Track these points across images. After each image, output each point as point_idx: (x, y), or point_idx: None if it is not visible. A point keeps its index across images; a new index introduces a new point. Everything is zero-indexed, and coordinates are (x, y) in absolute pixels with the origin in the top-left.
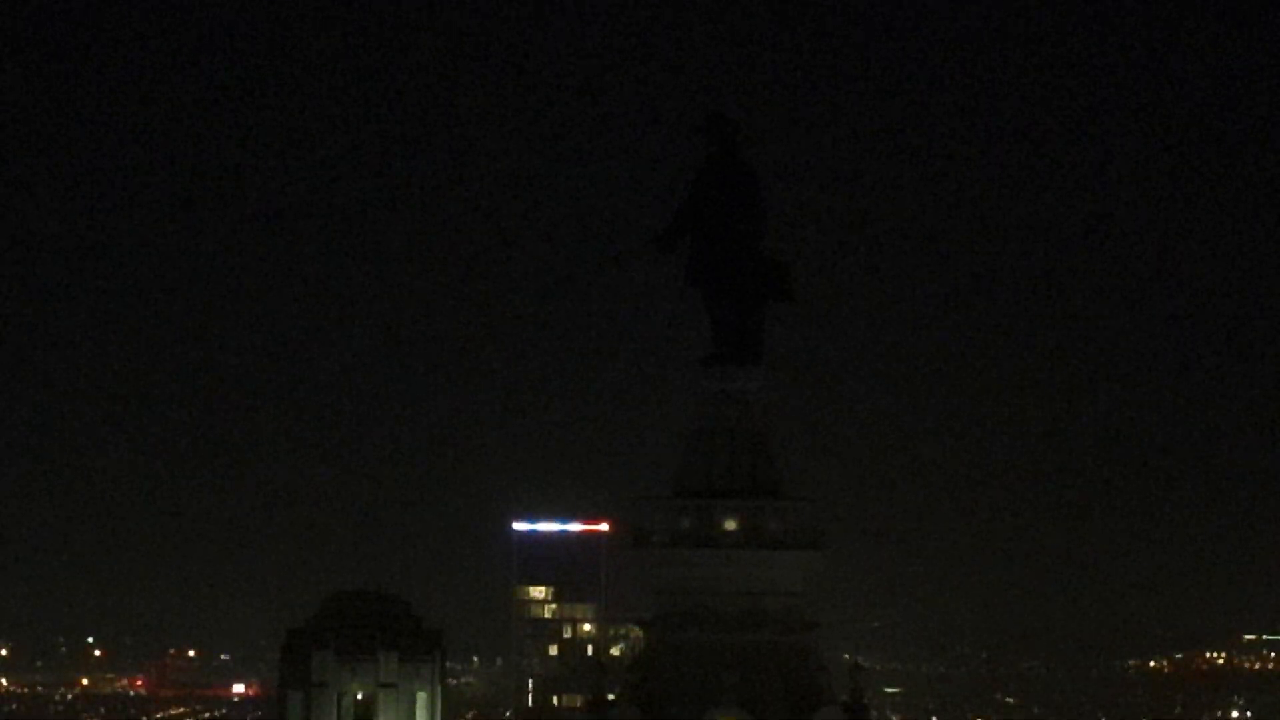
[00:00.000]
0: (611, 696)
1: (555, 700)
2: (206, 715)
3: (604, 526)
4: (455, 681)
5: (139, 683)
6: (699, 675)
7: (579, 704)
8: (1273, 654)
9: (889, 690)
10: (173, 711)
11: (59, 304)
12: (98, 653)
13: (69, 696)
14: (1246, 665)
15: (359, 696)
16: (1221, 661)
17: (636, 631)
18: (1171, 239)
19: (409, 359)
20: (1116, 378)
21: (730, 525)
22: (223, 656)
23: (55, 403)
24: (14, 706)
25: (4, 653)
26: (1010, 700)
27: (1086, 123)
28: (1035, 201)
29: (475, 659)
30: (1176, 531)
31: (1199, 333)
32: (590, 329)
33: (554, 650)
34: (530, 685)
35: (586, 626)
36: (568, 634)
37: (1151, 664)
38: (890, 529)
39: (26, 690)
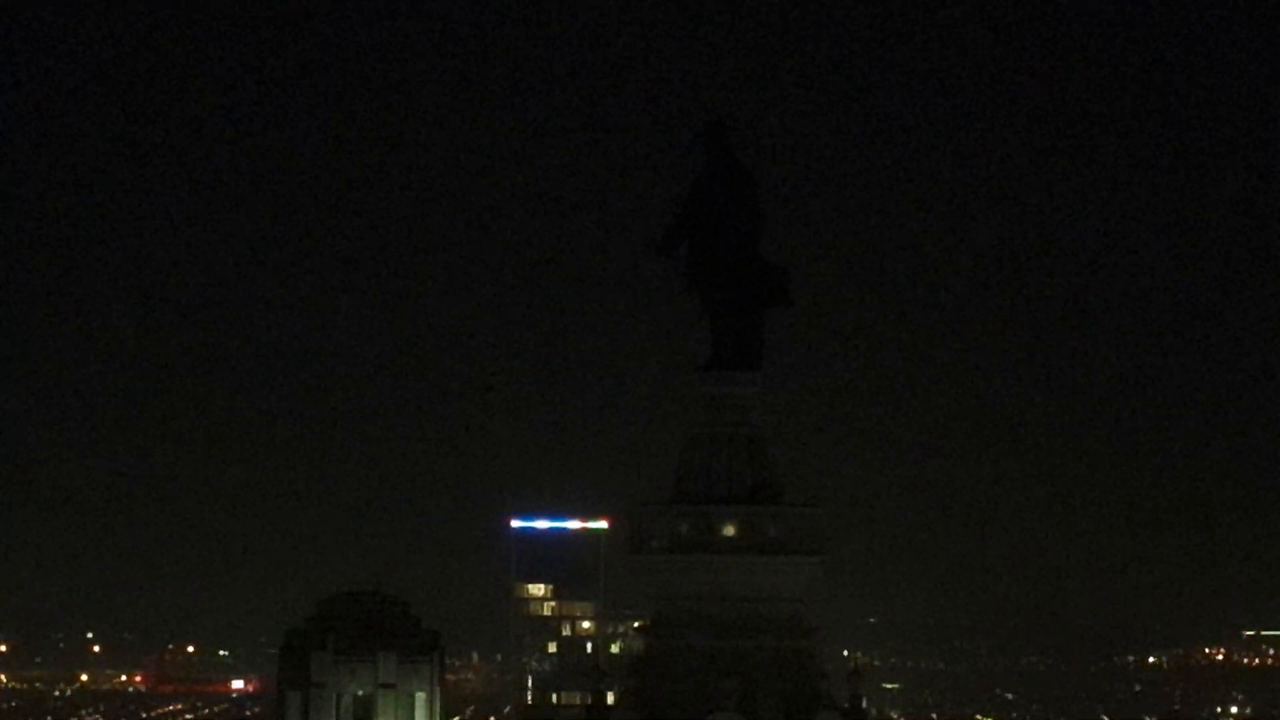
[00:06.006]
0: (610, 700)
1: (554, 698)
2: (206, 711)
3: (602, 524)
4: (454, 678)
5: (138, 678)
6: (698, 680)
7: (578, 702)
8: (1272, 650)
9: (888, 686)
10: (172, 707)
11: (59, 302)
12: (97, 648)
13: (68, 692)
14: (1245, 661)
15: (358, 695)
16: (1221, 657)
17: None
18: (1172, 241)
19: (408, 358)
20: (1115, 379)
21: (729, 531)
22: (222, 653)
23: (54, 400)
24: (13, 703)
25: (3, 648)
26: (1010, 696)
27: (1088, 126)
28: (1038, 206)
29: (474, 656)
30: (1176, 528)
31: (1197, 333)
32: (589, 330)
33: (553, 647)
34: (529, 682)
35: (585, 624)
36: (567, 631)
37: (1151, 660)
38: (889, 526)
39: (26, 686)
